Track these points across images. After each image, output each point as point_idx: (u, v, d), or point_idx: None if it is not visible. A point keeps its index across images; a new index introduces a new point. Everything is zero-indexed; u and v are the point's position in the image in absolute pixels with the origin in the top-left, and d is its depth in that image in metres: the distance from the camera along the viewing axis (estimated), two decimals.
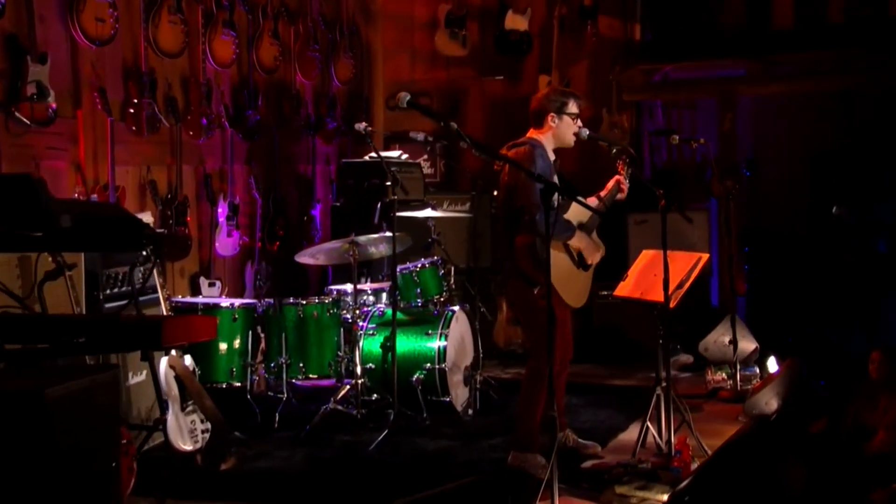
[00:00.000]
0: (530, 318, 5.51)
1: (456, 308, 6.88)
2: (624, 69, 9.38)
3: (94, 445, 3.48)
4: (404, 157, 8.43)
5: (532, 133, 5.66)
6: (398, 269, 7.07)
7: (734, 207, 7.93)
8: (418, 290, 7.07)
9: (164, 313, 5.70)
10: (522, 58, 9.67)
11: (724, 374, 7.52)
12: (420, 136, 6.90)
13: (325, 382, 7.08)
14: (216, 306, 6.62)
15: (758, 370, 7.62)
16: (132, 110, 7.08)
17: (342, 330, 6.78)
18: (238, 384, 6.64)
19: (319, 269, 8.61)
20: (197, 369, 6.39)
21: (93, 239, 3.65)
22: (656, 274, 5.66)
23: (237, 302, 6.76)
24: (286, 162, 8.78)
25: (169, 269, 7.54)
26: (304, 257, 6.75)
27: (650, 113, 9.81)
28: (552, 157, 5.64)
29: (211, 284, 7.79)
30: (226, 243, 7.95)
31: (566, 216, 5.54)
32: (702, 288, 8.86)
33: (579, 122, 5.67)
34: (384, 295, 7.18)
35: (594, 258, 5.66)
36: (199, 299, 6.86)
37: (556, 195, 4.89)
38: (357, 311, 6.70)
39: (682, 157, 9.62)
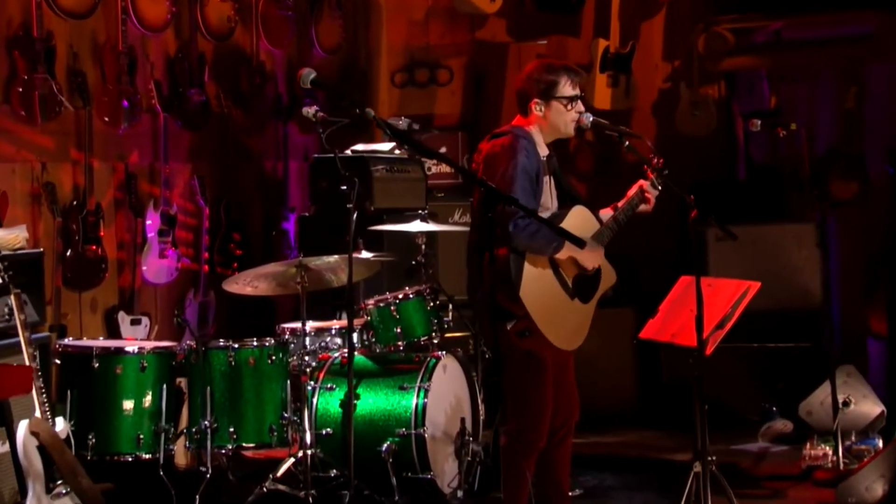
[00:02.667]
0: (507, 365, 5.44)
1: (441, 353, 6.73)
2: (710, 27, 9.16)
3: None
4: (398, 151, 8.29)
5: (518, 119, 5.61)
6: (373, 302, 6.99)
7: (839, 217, 7.69)
8: (398, 330, 6.94)
9: (26, 361, 5.64)
10: (572, 15, 9.51)
11: (828, 448, 7.26)
12: (402, 123, 6.81)
13: (278, 452, 6.98)
14: (118, 351, 6.55)
15: (880, 443, 7.33)
16: (20, 89, 7.07)
17: (289, 383, 6.68)
18: (148, 456, 6.55)
19: (292, 302, 8.51)
20: (89, 438, 6.37)
21: None
22: (693, 309, 5.49)
23: (148, 345, 6.69)
24: (246, 158, 8.73)
25: (75, 300, 7.55)
26: (236, 285, 6.67)
27: (749, 87, 9.56)
28: (544, 151, 5.56)
29: (135, 322, 7.77)
30: (157, 267, 7.91)
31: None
32: (814, 328, 8.58)
33: (580, 106, 5.55)
34: (354, 334, 7.05)
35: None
36: (96, 342, 6.79)
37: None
38: (307, 358, 6.60)
39: (793, 149, 9.34)
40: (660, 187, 5.76)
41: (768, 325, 8.35)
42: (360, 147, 8.14)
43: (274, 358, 6.67)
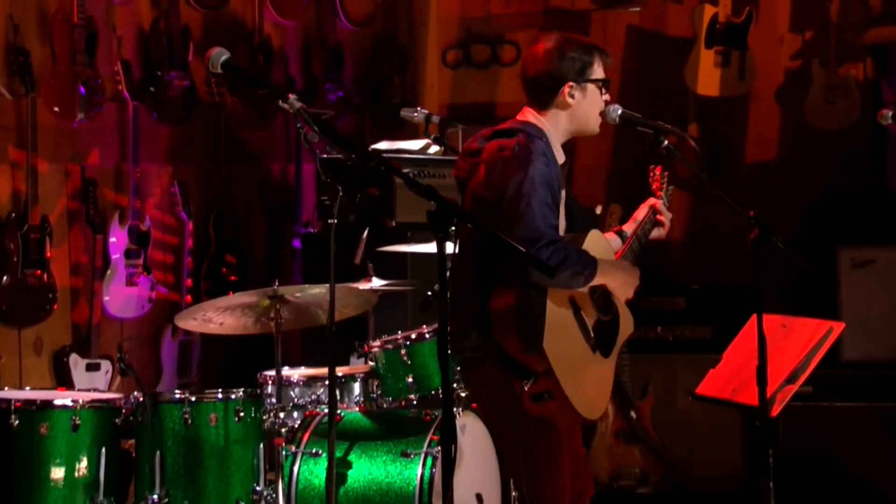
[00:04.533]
0: (517, 437, 5.39)
1: (459, 410, 6.55)
2: None
3: None
4: (434, 149, 8.13)
5: (528, 114, 5.49)
6: (379, 344, 6.83)
7: None
8: (409, 379, 6.78)
9: None
10: None
11: None
12: (416, 115, 6.68)
13: None
14: (43, 405, 6.44)
15: None
16: None
17: (262, 447, 6.56)
18: None
19: (299, 341, 8.44)
20: None
21: None
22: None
23: (84, 398, 6.58)
24: (245, 159, 8.77)
25: (13, 339, 7.58)
26: (193, 321, 6.56)
27: None
28: (561, 157, 5.47)
29: (92, 367, 7.79)
30: (124, 297, 7.95)
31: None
32: None
33: (606, 94, 5.49)
34: (356, 385, 6.95)
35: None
36: (16, 393, 6.72)
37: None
38: (283, 415, 6.45)
39: None
40: (668, 199, 5.87)
41: None
42: (382, 145, 8.02)
43: (243, 414, 6.52)
